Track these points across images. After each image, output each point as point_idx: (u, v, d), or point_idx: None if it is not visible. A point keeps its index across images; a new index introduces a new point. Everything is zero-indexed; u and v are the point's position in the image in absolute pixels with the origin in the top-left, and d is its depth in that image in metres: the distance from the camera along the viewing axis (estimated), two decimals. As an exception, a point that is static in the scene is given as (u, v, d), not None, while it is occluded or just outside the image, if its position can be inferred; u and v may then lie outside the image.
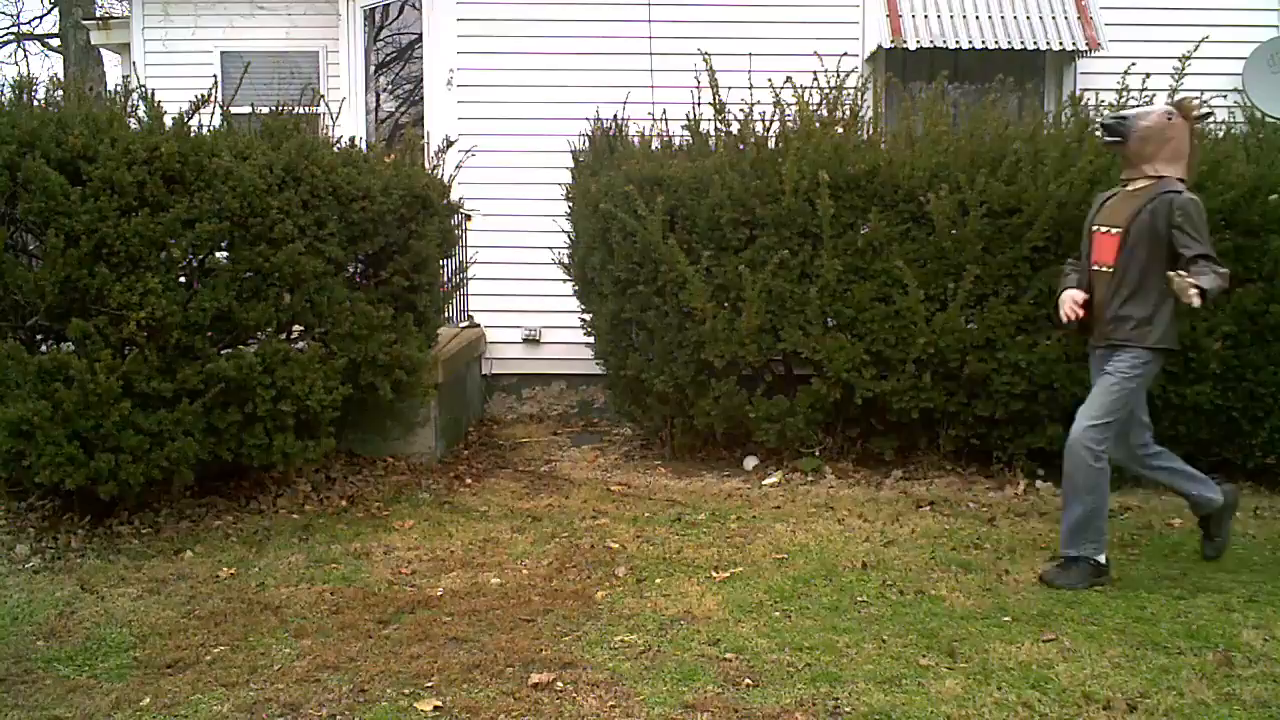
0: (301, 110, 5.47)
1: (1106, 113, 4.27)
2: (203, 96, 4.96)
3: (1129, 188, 4.10)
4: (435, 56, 7.97)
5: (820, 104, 5.99)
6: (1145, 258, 3.98)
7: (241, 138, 4.95)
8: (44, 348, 4.62)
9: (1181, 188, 3.99)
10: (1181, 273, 3.81)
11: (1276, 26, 7.95)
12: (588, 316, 6.62)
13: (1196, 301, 3.74)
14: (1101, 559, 4.06)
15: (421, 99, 8.22)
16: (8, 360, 4.30)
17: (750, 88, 6.20)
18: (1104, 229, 4.10)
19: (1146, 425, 4.26)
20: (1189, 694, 3.10)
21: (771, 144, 5.91)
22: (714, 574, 4.22)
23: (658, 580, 4.15)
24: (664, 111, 6.57)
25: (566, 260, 6.78)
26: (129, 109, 4.95)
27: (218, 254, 4.75)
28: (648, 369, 5.99)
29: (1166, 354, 4.12)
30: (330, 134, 5.75)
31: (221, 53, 8.89)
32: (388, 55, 8.82)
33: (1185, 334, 5.27)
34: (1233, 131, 5.94)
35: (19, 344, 4.38)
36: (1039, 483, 5.52)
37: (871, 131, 6.08)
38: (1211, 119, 4.64)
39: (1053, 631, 3.57)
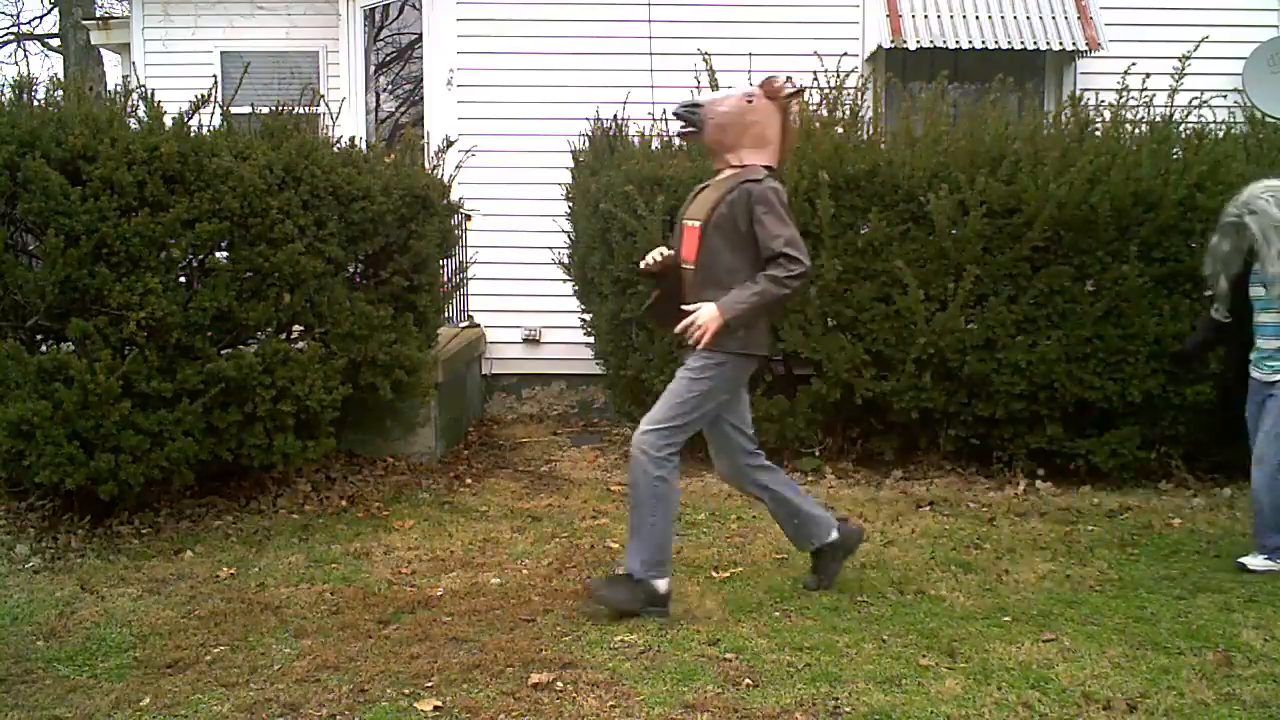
0: (301, 110, 5.46)
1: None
2: (203, 96, 4.95)
3: (717, 178, 3.74)
4: (435, 56, 7.97)
5: (820, 104, 5.99)
6: (729, 255, 3.62)
7: (241, 138, 4.95)
8: (44, 348, 4.62)
9: (762, 175, 3.63)
10: (691, 307, 3.56)
11: (1276, 26, 7.95)
12: (588, 316, 6.62)
13: (704, 341, 3.51)
14: (662, 587, 3.68)
15: (421, 99, 8.22)
16: (8, 360, 4.29)
17: (750, 88, 6.18)
18: (689, 222, 3.73)
19: (750, 437, 3.88)
20: (1189, 694, 3.10)
21: (771, 144, 5.90)
22: (714, 574, 4.21)
23: (658, 580, 4.14)
24: (664, 111, 6.55)
25: (566, 260, 6.77)
26: (129, 109, 4.94)
27: (218, 254, 4.75)
28: (648, 369, 5.99)
29: (753, 359, 3.73)
30: (330, 134, 5.74)
31: (221, 53, 8.89)
32: (388, 55, 8.82)
33: (1186, 334, 5.28)
34: (1233, 131, 5.94)
35: (19, 344, 4.38)
36: (1039, 483, 5.51)
37: (871, 131, 6.08)
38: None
39: (1053, 631, 3.56)
